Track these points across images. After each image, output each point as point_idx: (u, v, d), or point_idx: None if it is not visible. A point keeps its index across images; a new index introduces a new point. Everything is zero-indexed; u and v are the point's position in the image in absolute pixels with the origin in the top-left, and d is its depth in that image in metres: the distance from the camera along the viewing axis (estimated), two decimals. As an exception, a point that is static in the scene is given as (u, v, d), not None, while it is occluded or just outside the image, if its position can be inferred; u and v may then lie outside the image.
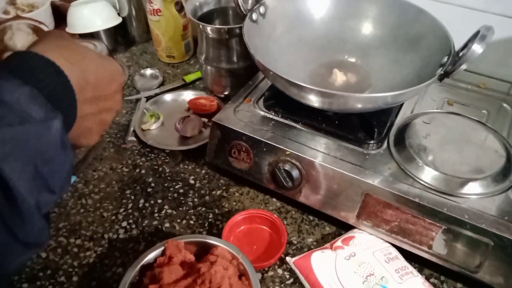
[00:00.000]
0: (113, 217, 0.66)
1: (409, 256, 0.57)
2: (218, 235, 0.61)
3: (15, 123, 0.31)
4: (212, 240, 0.55)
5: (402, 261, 0.56)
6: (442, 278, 0.58)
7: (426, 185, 0.56)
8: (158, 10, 0.90)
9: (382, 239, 0.59)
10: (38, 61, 0.35)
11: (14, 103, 0.31)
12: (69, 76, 0.36)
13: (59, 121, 0.34)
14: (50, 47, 0.37)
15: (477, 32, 0.54)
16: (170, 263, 0.51)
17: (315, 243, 0.62)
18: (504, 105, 0.69)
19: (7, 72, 0.33)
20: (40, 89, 0.34)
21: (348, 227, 0.61)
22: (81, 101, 0.38)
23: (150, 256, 0.53)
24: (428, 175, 0.56)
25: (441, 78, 0.57)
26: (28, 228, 0.32)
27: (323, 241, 0.62)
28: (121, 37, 1.06)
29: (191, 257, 0.53)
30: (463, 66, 0.54)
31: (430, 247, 0.55)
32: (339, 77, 0.69)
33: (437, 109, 0.68)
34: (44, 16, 1.04)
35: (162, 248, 0.53)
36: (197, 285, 0.48)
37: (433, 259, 0.56)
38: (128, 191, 0.70)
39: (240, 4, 0.67)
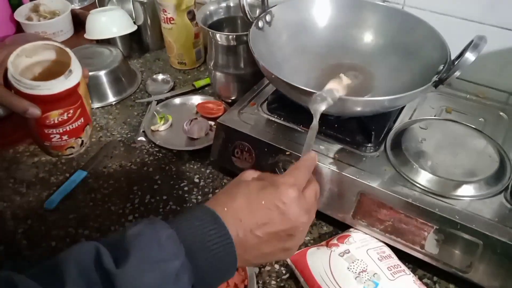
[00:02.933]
0: (120, 211, 0.69)
1: (403, 257, 0.59)
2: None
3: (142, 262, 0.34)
4: (212, 233, 0.57)
5: (395, 260, 0.58)
6: (435, 278, 0.59)
7: (420, 186, 0.58)
8: (171, 19, 0.94)
9: (376, 238, 0.60)
10: (200, 210, 0.40)
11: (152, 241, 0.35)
12: (231, 228, 0.38)
13: (180, 263, 0.35)
14: (227, 197, 0.42)
15: (471, 42, 0.57)
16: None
17: (312, 241, 0.64)
18: (501, 113, 0.70)
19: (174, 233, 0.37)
20: (184, 233, 0.37)
21: (344, 228, 0.63)
22: (247, 248, 0.40)
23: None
24: (422, 177, 0.58)
25: (436, 84, 0.59)
26: None
27: (320, 239, 0.64)
28: (135, 44, 1.10)
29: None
30: (457, 73, 0.56)
31: (422, 246, 0.57)
32: (344, 81, 0.72)
33: (435, 116, 0.70)
34: (64, 23, 1.10)
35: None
36: (195, 273, 0.50)
37: (426, 258, 0.57)
38: (135, 187, 0.73)
39: (247, 12, 0.71)
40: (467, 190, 0.57)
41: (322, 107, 0.54)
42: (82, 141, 0.57)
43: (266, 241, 0.41)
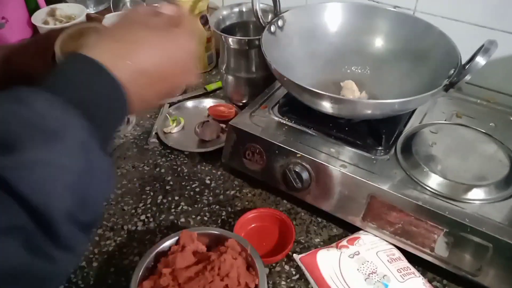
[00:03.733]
0: (133, 211, 0.70)
1: (412, 260, 0.59)
2: (230, 231, 0.64)
3: (30, 139, 0.30)
4: (223, 233, 0.58)
5: (404, 262, 0.58)
6: (445, 281, 0.59)
7: (430, 189, 0.58)
8: (184, 23, 0.96)
9: (386, 241, 0.61)
10: (79, 62, 0.35)
11: (30, 116, 0.31)
12: (116, 73, 0.35)
13: (82, 129, 0.32)
14: (102, 41, 0.37)
15: (482, 46, 0.57)
16: (183, 251, 0.55)
17: (322, 243, 0.65)
18: (512, 118, 0.71)
19: (45, 84, 0.34)
20: (68, 92, 0.33)
21: (354, 230, 0.64)
22: (138, 90, 0.37)
23: (165, 244, 0.57)
24: (432, 180, 0.59)
25: (446, 88, 0.60)
26: (55, 241, 0.30)
27: (329, 241, 0.65)
28: (149, 48, 1.12)
29: (203, 248, 0.57)
30: (467, 77, 0.57)
31: (432, 249, 0.57)
32: (354, 89, 0.73)
33: (445, 120, 0.70)
34: (79, 27, 1.12)
35: (177, 237, 0.57)
36: (207, 271, 0.51)
37: (435, 261, 0.58)
38: (148, 188, 0.74)
39: (260, 17, 0.72)
40: (477, 194, 0.57)
41: None
42: (128, 119, 0.58)
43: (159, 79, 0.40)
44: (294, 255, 0.61)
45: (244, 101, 0.90)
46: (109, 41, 0.38)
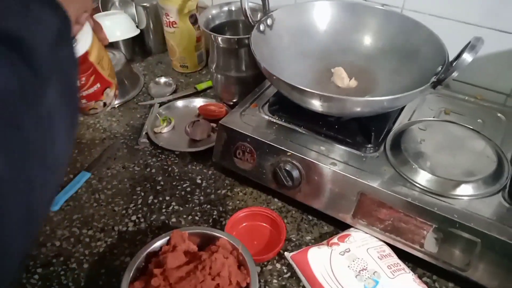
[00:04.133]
0: (124, 211, 0.70)
1: (402, 256, 0.60)
2: (221, 230, 0.64)
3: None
4: (214, 232, 0.58)
5: (395, 259, 0.58)
6: (434, 277, 0.60)
7: (419, 186, 0.58)
8: (174, 23, 0.96)
9: (376, 237, 0.61)
10: None
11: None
12: None
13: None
14: None
15: (469, 43, 0.58)
16: (174, 251, 0.55)
17: (313, 241, 0.65)
18: (499, 115, 0.71)
19: None
20: None
21: (345, 228, 0.64)
22: None
23: (156, 244, 0.57)
24: (421, 177, 0.59)
25: (434, 85, 0.60)
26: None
27: (320, 239, 0.65)
28: (138, 48, 1.12)
29: (194, 248, 0.57)
30: (454, 74, 0.57)
31: (421, 245, 0.58)
32: (344, 76, 0.73)
33: (434, 117, 0.71)
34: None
35: (168, 237, 0.57)
36: (198, 271, 0.51)
37: (425, 257, 0.58)
38: (138, 188, 0.74)
39: (248, 16, 0.72)
40: (465, 190, 0.58)
41: None
42: (104, 103, 0.59)
43: None
44: (286, 253, 0.61)
45: (234, 100, 0.90)
46: None
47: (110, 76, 0.59)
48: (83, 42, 0.52)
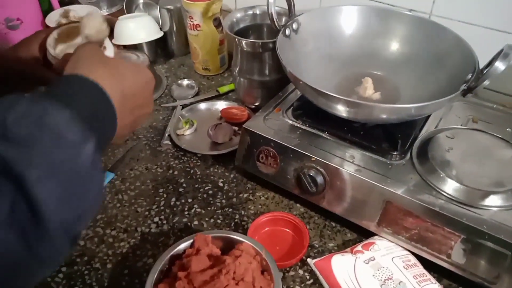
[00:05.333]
0: (146, 213, 0.70)
1: (428, 266, 0.59)
2: (243, 234, 0.64)
3: (52, 146, 0.32)
4: (237, 236, 0.58)
5: (420, 269, 0.58)
6: (461, 288, 0.59)
7: (447, 195, 0.57)
8: (198, 25, 0.96)
9: (401, 246, 0.60)
10: (82, 83, 0.38)
11: (53, 126, 0.33)
12: (110, 94, 0.39)
13: (93, 144, 0.35)
14: (93, 67, 0.40)
15: (501, 51, 0.57)
16: (198, 254, 0.55)
17: (336, 247, 0.64)
18: (529, 124, 0.70)
19: (52, 95, 0.36)
20: (82, 111, 0.36)
21: (368, 235, 0.64)
22: (121, 114, 0.41)
23: (180, 247, 0.57)
24: (449, 186, 0.58)
25: (464, 93, 0.59)
26: (47, 246, 0.31)
27: (344, 246, 0.64)
28: (161, 50, 1.13)
29: (217, 251, 0.57)
30: (486, 82, 0.56)
31: (449, 256, 0.57)
32: (369, 87, 0.72)
33: (461, 125, 0.69)
34: (92, 29, 1.13)
35: (191, 240, 0.57)
36: (222, 275, 0.51)
37: (452, 268, 0.57)
38: (161, 190, 0.74)
39: (274, 20, 0.72)
40: (494, 200, 0.56)
41: None
42: None
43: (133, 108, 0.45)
44: (308, 259, 0.61)
45: (256, 104, 0.90)
46: (100, 64, 0.42)
47: None
48: (110, 49, 0.53)
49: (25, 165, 0.30)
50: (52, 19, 1.12)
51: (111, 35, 0.54)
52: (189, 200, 0.72)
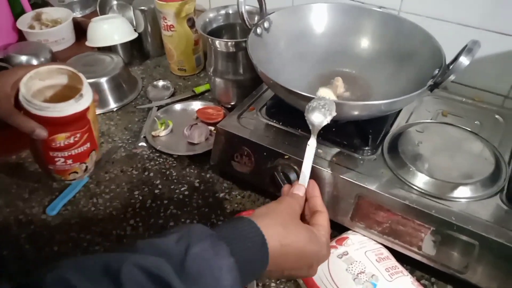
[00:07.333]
0: (122, 215, 0.70)
1: (400, 258, 0.59)
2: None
3: (209, 286, 0.36)
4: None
5: (393, 261, 0.58)
6: (433, 279, 0.60)
7: (417, 189, 0.58)
8: (172, 26, 0.96)
9: (374, 240, 0.61)
10: (253, 234, 0.42)
11: (217, 271, 0.37)
12: (271, 254, 0.42)
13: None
14: (273, 222, 0.45)
15: (465, 46, 0.58)
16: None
17: (311, 244, 0.65)
18: (497, 116, 0.71)
19: (225, 236, 0.40)
20: (241, 258, 0.39)
21: (343, 230, 0.64)
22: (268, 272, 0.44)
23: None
24: (419, 180, 0.59)
25: (431, 88, 0.60)
26: None
27: (319, 242, 0.65)
28: (136, 51, 1.12)
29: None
30: (451, 77, 0.57)
31: (419, 248, 0.58)
32: (339, 85, 0.73)
33: (431, 119, 0.71)
34: (66, 31, 1.12)
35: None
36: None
37: (423, 260, 0.58)
38: (136, 192, 0.74)
39: (245, 19, 0.72)
40: (463, 192, 0.58)
41: (322, 122, 0.55)
42: (86, 166, 0.58)
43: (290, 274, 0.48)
44: (284, 256, 0.61)
45: (232, 103, 0.90)
46: (276, 224, 0.45)
47: (97, 138, 0.59)
48: (88, 96, 0.52)
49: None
50: (24, 22, 1.10)
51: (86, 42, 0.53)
52: (165, 202, 0.72)
